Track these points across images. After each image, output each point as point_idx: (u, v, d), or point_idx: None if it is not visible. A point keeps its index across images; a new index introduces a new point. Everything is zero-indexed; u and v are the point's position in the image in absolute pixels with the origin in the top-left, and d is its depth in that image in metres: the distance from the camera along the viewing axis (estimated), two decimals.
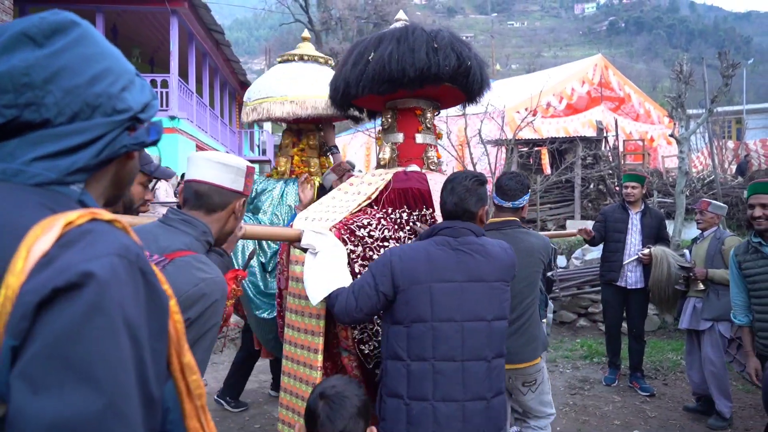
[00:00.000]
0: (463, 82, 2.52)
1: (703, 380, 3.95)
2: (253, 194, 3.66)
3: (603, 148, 11.06)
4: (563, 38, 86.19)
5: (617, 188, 9.74)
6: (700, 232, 4.21)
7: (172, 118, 11.03)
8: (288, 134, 3.93)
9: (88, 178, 0.74)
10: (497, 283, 1.93)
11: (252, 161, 18.05)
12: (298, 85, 3.58)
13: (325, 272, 2.03)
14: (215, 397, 4.16)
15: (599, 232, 4.65)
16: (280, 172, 3.83)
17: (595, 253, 6.71)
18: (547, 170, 10.65)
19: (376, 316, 2.06)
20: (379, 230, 2.31)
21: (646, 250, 4.31)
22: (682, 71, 7.74)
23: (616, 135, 11.83)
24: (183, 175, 8.74)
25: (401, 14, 2.91)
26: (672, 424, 3.92)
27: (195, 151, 12.25)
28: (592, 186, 10.30)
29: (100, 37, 0.77)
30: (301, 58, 3.77)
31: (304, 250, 2.14)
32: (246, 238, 2.13)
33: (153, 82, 11.32)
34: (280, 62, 3.91)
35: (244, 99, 3.84)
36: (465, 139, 10.00)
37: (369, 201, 2.42)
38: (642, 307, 4.62)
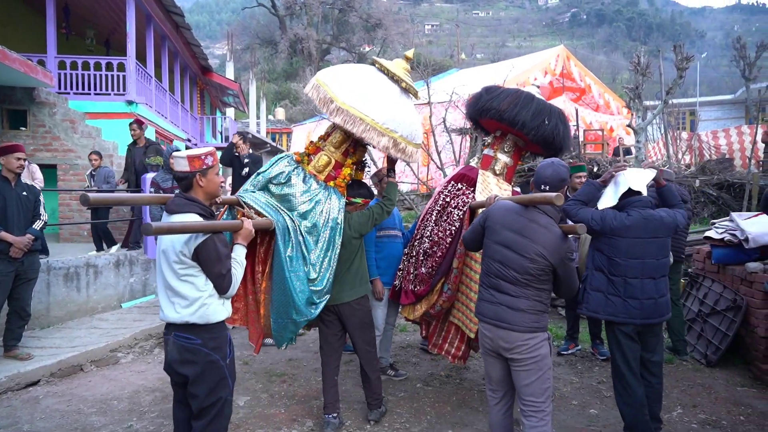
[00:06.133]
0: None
1: None
2: (281, 178, 3.49)
3: None
4: (527, 29, 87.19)
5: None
6: None
7: (130, 102, 10.64)
8: (345, 137, 3.66)
9: None
10: None
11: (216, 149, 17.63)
12: (405, 126, 3.51)
13: None
14: None
15: None
16: (317, 168, 3.63)
17: None
18: None
19: None
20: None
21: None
22: (640, 63, 7.97)
23: (577, 125, 12.10)
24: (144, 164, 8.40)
25: (539, 81, 4.35)
26: None
27: (154, 137, 11.90)
28: None
29: None
30: (402, 86, 3.65)
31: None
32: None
33: (109, 66, 10.90)
34: (381, 71, 3.67)
35: (330, 84, 3.48)
36: (430, 127, 10.05)
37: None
38: None
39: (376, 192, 4.29)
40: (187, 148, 15.48)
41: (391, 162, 3.90)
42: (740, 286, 4.76)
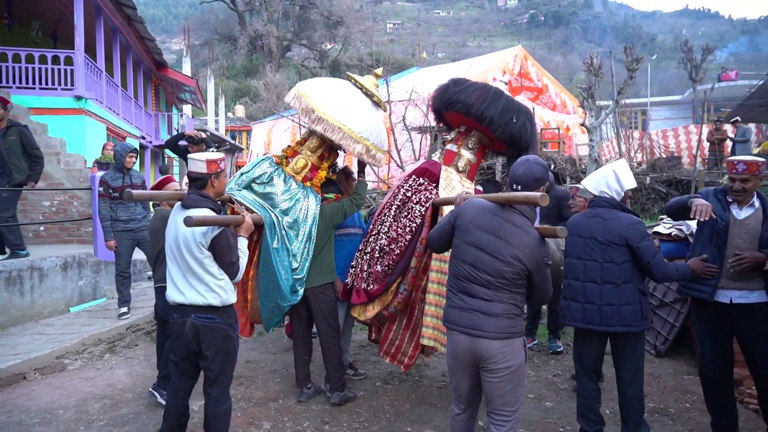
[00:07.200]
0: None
1: None
2: (264, 178, 3.85)
3: None
4: (487, 29, 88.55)
5: None
6: None
7: (78, 98, 10.20)
8: (321, 143, 4.07)
9: None
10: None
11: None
12: (376, 135, 3.97)
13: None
14: (150, 388, 4.12)
15: None
16: (295, 170, 4.01)
17: None
18: None
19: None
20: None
21: None
22: (593, 64, 8.19)
23: (534, 124, 12.32)
24: (96, 162, 8.11)
25: (499, 80, 4.20)
26: None
27: (105, 134, 11.46)
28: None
29: None
30: (373, 100, 4.08)
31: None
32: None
33: (55, 59, 10.43)
34: (355, 85, 4.06)
35: (310, 95, 3.87)
36: (390, 125, 10.05)
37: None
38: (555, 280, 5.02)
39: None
40: (141, 146, 15.00)
41: (361, 164, 4.22)
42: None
